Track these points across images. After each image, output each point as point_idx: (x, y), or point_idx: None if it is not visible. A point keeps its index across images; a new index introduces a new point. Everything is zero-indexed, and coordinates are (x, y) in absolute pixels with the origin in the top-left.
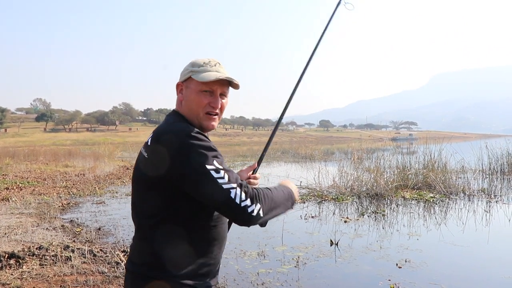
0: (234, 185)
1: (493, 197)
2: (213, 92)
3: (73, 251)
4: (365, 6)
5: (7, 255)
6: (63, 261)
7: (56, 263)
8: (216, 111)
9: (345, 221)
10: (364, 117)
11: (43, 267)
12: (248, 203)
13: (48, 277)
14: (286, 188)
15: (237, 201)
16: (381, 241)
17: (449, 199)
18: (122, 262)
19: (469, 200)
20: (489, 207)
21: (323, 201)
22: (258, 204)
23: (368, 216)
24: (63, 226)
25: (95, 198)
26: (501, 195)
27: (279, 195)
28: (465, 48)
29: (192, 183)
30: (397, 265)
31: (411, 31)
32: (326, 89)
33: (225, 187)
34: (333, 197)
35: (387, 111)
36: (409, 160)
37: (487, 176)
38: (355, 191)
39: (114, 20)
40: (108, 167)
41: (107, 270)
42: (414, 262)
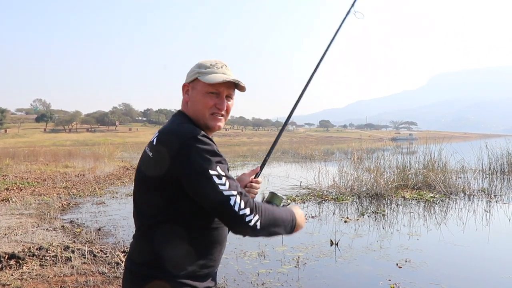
0: (234, 193)
1: (493, 197)
2: (219, 93)
3: (73, 252)
4: (365, 6)
5: (7, 255)
6: (63, 262)
7: (56, 263)
8: (222, 113)
9: (345, 221)
10: (364, 117)
11: (43, 268)
12: (247, 212)
13: (48, 277)
14: (290, 211)
15: (236, 208)
16: (381, 241)
17: (449, 199)
18: (122, 262)
19: (469, 200)
20: (489, 207)
21: (323, 201)
22: (256, 215)
23: (368, 216)
24: (63, 226)
25: (95, 198)
26: (501, 195)
27: (281, 215)
28: (465, 48)
29: (192, 184)
30: (397, 265)
31: (411, 31)
32: (326, 89)
33: (225, 193)
34: (333, 197)
35: (387, 111)
36: (409, 160)
37: (487, 176)
38: (355, 191)
39: (114, 20)
40: (108, 167)
41: (107, 270)
42: (414, 262)
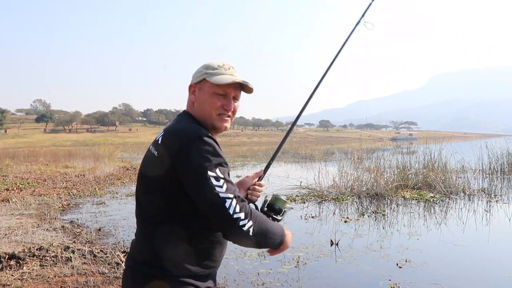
0: (231, 196)
1: (493, 196)
2: (226, 95)
3: (73, 252)
4: (364, 6)
5: (7, 256)
6: (63, 262)
7: (56, 264)
8: (229, 114)
9: (345, 221)
10: (364, 117)
11: (44, 268)
12: (241, 216)
13: (48, 278)
14: (281, 227)
15: (230, 211)
16: (381, 241)
17: (449, 199)
18: (122, 262)
19: (469, 199)
20: (489, 206)
21: (323, 201)
22: (250, 221)
23: (368, 216)
24: (63, 227)
25: (95, 199)
26: (501, 195)
27: (273, 228)
28: (465, 48)
29: (190, 183)
30: (397, 265)
31: (411, 31)
32: (326, 89)
33: (221, 195)
34: (333, 197)
35: (387, 111)
36: (409, 160)
37: (487, 175)
38: (355, 191)
39: (114, 20)
40: (108, 167)
41: (107, 270)
42: (414, 262)
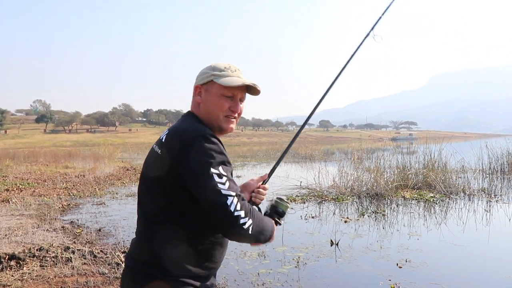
0: (233, 193)
1: (493, 196)
2: (233, 97)
3: (73, 252)
4: (364, 6)
5: (7, 256)
6: (63, 262)
7: (56, 264)
8: (235, 115)
9: (345, 221)
10: (364, 117)
11: (44, 269)
12: (242, 214)
13: (48, 278)
14: (272, 222)
15: (231, 209)
16: (382, 241)
17: (449, 199)
18: (122, 263)
19: (469, 199)
20: (489, 206)
21: (323, 201)
22: (250, 219)
23: (368, 216)
24: (63, 227)
25: (95, 199)
26: (501, 195)
27: (267, 225)
28: (465, 48)
29: (193, 180)
30: (397, 265)
31: (411, 31)
32: (326, 89)
33: (223, 192)
34: (333, 197)
35: (387, 111)
36: (409, 160)
37: (487, 175)
38: (355, 191)
39: (114, 20)
40: (108, 168)
41: (107, 271)
42: (414, 262)
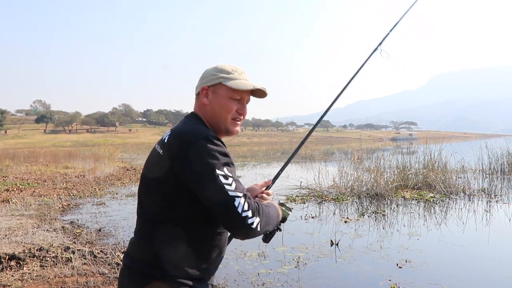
0: (240, 194)
1: (493, 196)
2: (241, 99)
3: (73, 253)
4: (364, 6)
5: (7, 256)
6: (63, 263)
7: (56, 264)
8: (241, 118)
9: (345, 221)
10: (364, 117)
11: (44, 269)
12: (249, 214)
13: (48, 278)
14: (277, 209)
15: (239, 210)
16: (382, 241)
17: (449, 199)
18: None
19: (469, 200)
20: (489, 206)
21: (323, 202)
22: (258, 217)
23: (368, 216)
24: (63, 227)
25: (95, 199)
26: (501, 195)
27: (273, 215)
28: (465, 48)
29: (198, 183)
30: (397, 265)
31: (411, 31)
32: (326, 89)
33: (231, 194)
34: (333, 197)
35: (387, 111)
36: (409, 160)
37: (487, 175)
38: (355, 191)
39: (114, 20)
40: (108, 168)
41: (107, 271)
42: (414, 262)
